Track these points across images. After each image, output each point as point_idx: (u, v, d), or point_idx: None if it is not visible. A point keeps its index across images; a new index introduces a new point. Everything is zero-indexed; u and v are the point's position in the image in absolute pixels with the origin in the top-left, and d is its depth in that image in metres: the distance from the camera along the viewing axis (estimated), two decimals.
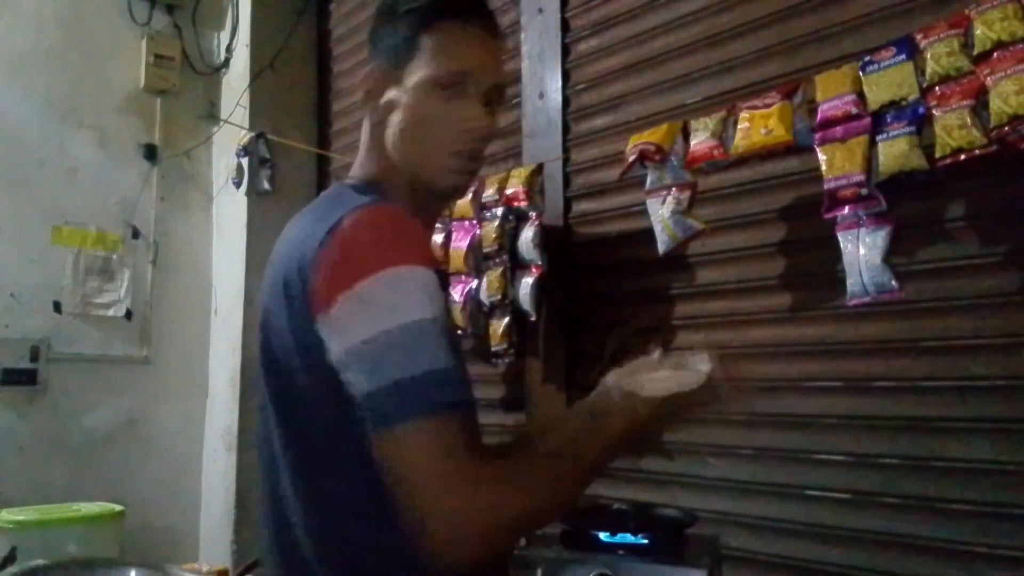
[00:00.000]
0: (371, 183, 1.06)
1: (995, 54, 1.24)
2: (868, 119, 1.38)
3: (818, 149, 1.44)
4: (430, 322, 0.86)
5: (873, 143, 1.37)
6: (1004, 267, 1.38)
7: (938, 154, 1.28)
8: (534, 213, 2.02)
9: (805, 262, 1.63)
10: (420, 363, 0.84)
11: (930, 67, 1.31)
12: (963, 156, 1.26)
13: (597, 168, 2.05)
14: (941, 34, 1.31)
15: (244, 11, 3.14)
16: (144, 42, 3.08)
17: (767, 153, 1.54)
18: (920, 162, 1.31)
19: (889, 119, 1.36)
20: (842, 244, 1.42)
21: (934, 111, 1.30)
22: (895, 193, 1.37)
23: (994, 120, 1.22)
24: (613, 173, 1.91)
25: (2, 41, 2.83)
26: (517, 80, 2.26)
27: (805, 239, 1.62)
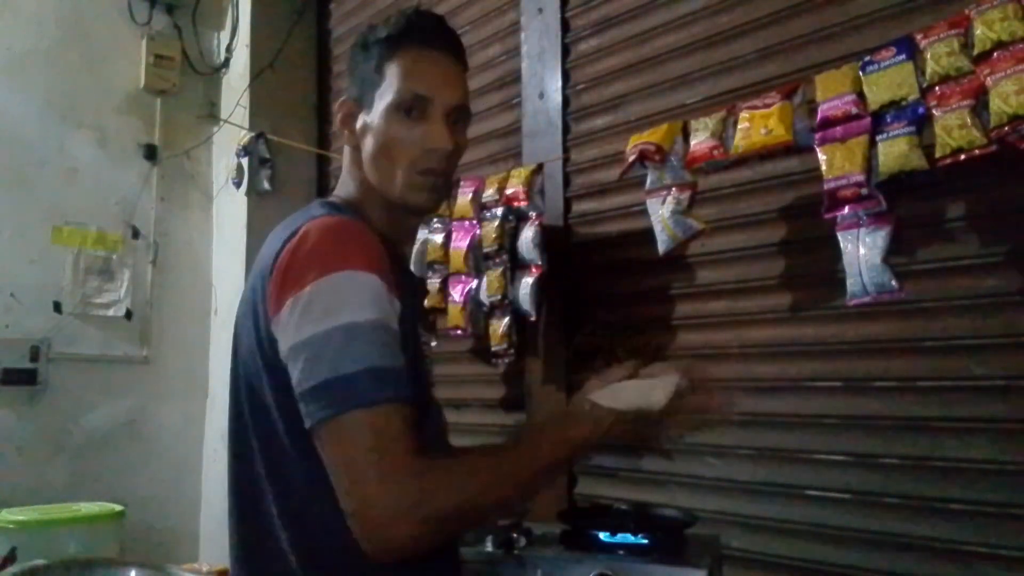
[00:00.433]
0: (349, 202, 1.13)
1: (995, 54, 1.24)
2: (868, 119, 1.38)
3: (818, 149, 1.44)
4: (367, 324, 0.91)
5: (873, 143, 1.37)
6: (1004, 267, 1.38)
7: (938, 154, 1.29)
8: (534, 213, 2.02)
9: (805, 262, 1.63)
10: (352, 362, 0.89)
11: (930, 67, 1.32)
12: (963, 156, 1.26)
13: (597, 168, 2.05)
14: (941, 34, 1.31)
15: (244, 11, 3.14)
16: (144, 42, 3.07)
17: (767, 153, 1.54)
18: (920, 162, 1.31)
19: (889, 119, 1.36)
20: (842, 244, 1.42)
21: (934, 111, 1.30)
22: (895, 193, 1.37)
23: (994, 120, 1.22)
24: (613, 173, 1.91)
25: (2, 41, 2.83)
26: (517, 80, 2.26)
27: (805, 239, 1.62)
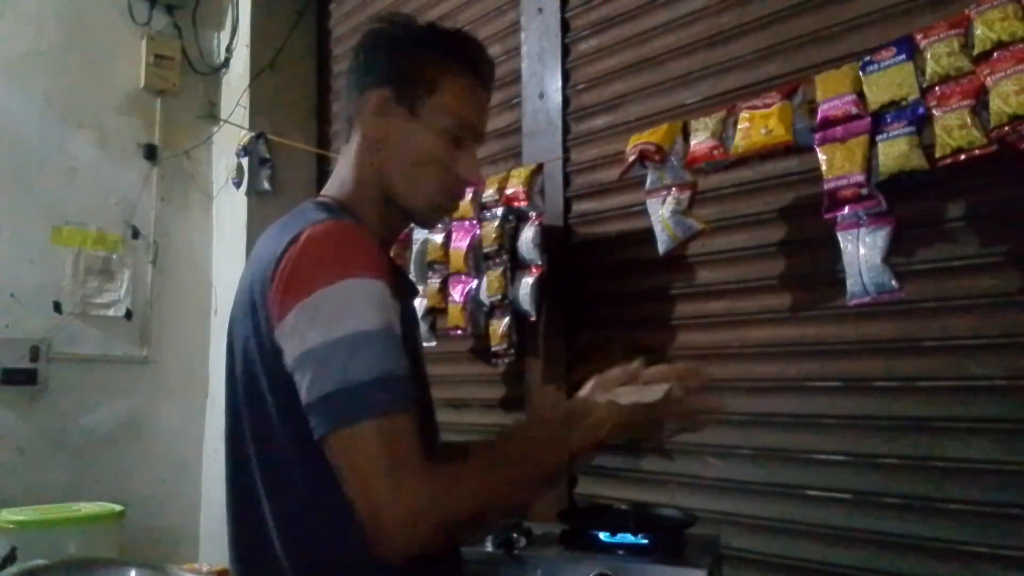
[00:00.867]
0: (341, 202, 1.11)
1: (995, 54, 1.24)
2: (868, 119, 1.38)
3: (818, 149, 1.44)
4: (375, 332, 0.92)
5: (873, 143, 1.37)
6: (1004, 267, 1.38)
7: (938, 154, 1.29)
8: (534, 213, 2.02)
9: (805, 262, 1.63)
10: (361, 372, 0.89)
11: (930, 67, 1.32)
12: (963, 156, 1.26)
13: (597, 168, 2.05)
14: (941, 34, 1.31)
15: (244, 11, 3.14)
16: (144, 42, 3.08)
17: (767, 153, 1.54)
18: (920, 162, 1.31)
19: (889, 119, 1.36)
20: (842, 244, 1.42)
21: (934, 111, 1.30)
22: (895, 193, 1.37)
23: (994, 120, 1.22)
24: (613, 173, 1.91)
25: (2, 41, 2.83)
26: (517, 80, 2.26)
27: (805, 239, 1.62)
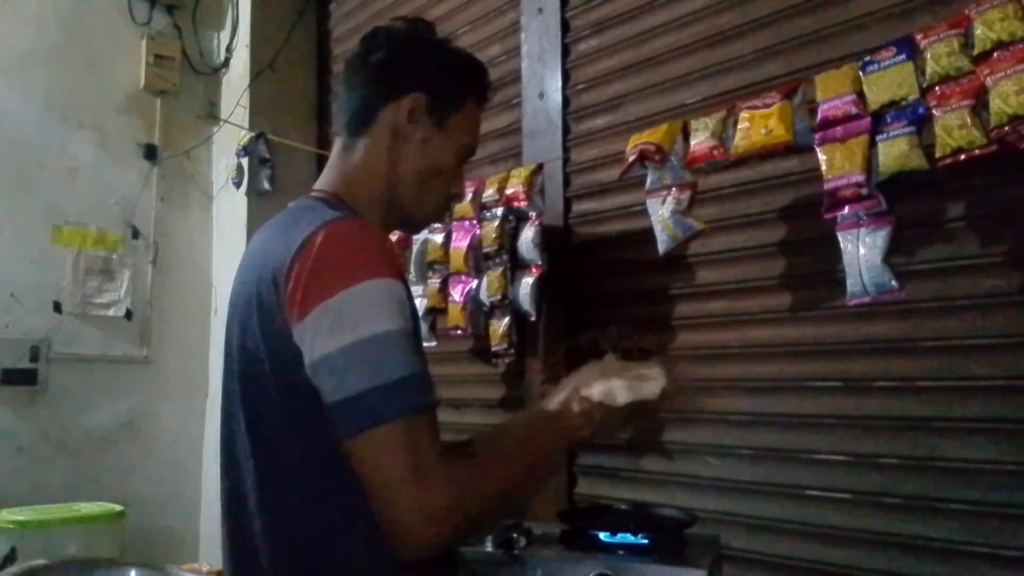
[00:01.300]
0: (342, 198, 1.11)
1: (995, 54, 1.24)
2: (868, 119, 1.38)
3: (818, 149, 1.44)
4: (397, 332, 0.92)
5: (873, 143, 1.37)
6: (1004, 267, 1.38)
7: (938, 154, 1.28)
8: (534, 213, 2.02)
9: (805, 262, 1.63)
10: (388, 372, 0.90)
11: (930, 67, 1.31)
12: (963, 156, 1.26)
13: (597, 168, 2.05)
14: (941, 34, 1.31)
15: (244, 11, 3.14)
16: (144, 42, 3.08)
17: (767, 153, 1.54)
18: (920, 162, 1.31)
19: (889, 119, 1.36)
20: (842, 244, 1.42)
21: (934, 111, 1.30)
22: (895, 193, 1.37)
23: (994, 120, 1.22)
24: (613, 173, 1.91)
25: (2, 41, 2.83)
26: (517, 80, 2.26)
27: (805, 239, 1.62)
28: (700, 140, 1.61)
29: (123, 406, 2.97)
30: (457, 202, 1.19)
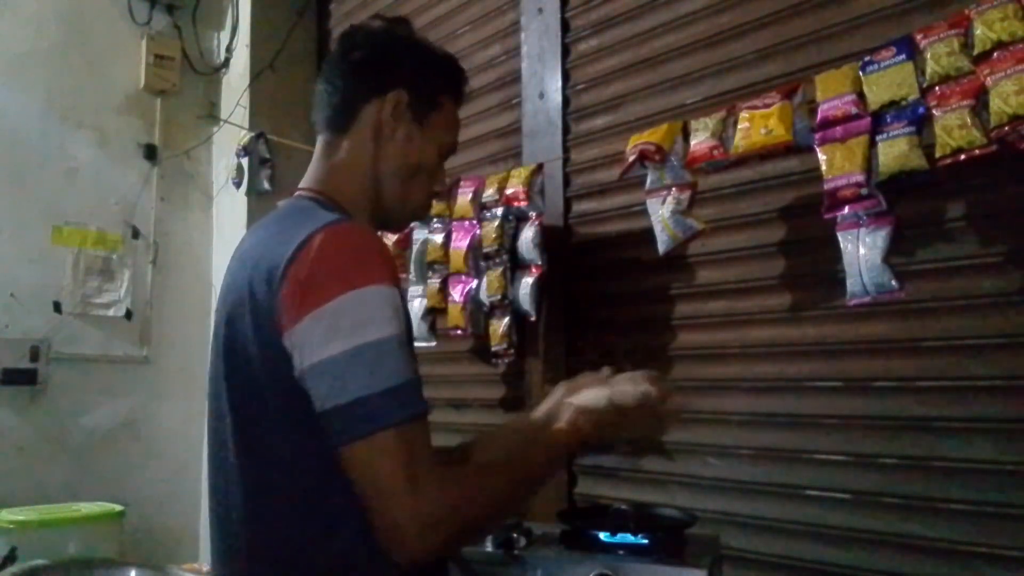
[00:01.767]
0: (333, 198, 1.10)
1: (995, 54, 1.24)
2: (868, 119, 1.38)
3: (818, 149, 1.44)
4: (392, 339, 0.92)
5: (873, 143, 1.37)
6: (1004, 267, 1.38)
7: (938, 154, 1.28)
8: (534, 213, 2.02)
9: (805, 262, 1.63)
10: (383, 380, 0.90)
11: (930, 67, 1.31)
12: (963, 156, 1.26)
13: (597, 168, 2.05)
14: (941, 34, 1.31)
15: (244, 11, 3.14)
16: (144, 42, 3.07)
17: (767, 153, 1.54)
18: (920, 162, 1.31)
19: (889, 119, 1.36)
20: (842, 244, 1.42)
21: (934, 111, 1.30)
22: (895, 193, 1.37)
23: (994, 120, 1.22)
24: (613, 173, 1.91)
25: (2, 41, 2.83)
26: (517, 80, 2.26)
27: (805, 239, 1.62)
28: (700, 140, 1.61)
29: (123, 406, 2.97)
30: (439, 200, 1.20)
